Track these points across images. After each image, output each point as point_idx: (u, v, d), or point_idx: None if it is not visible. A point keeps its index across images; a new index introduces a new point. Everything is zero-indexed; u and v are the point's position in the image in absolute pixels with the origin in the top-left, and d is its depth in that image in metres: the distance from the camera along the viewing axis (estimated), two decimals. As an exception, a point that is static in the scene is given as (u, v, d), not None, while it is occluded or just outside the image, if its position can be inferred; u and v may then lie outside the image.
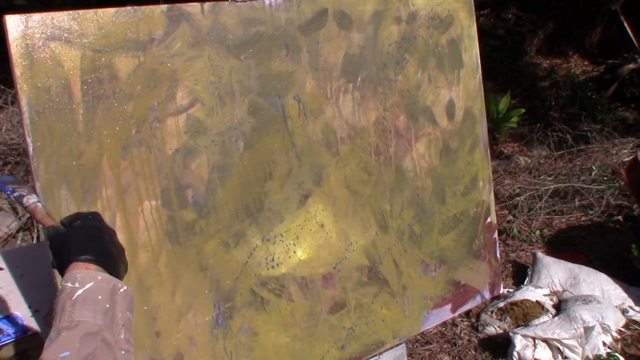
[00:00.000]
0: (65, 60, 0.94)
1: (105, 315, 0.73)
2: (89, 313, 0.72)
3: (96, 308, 0.73)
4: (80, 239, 0.80)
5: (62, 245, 0.80)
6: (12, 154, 3.64)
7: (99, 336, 0.71)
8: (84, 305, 0.72)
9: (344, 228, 1.30)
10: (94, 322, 0.72)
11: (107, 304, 0.74)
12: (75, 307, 0.72)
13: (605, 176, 4.31)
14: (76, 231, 0.82)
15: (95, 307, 0.73)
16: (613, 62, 6.26)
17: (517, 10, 7.30)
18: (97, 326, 0.72)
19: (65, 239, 0.81)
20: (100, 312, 0.73)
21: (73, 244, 0.79)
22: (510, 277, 3.38)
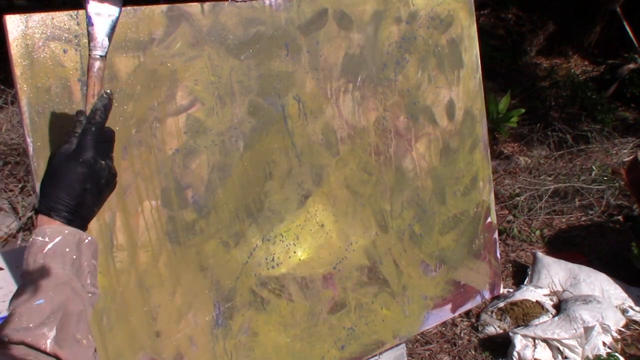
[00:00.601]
0: (65, 60, 0.94)
1: (72, 266, 0.79)
2: (58, 265, 0.78)
3: (64, 260, 0.79)
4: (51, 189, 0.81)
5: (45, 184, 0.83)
6: (12, 154, 3.64)
7: (68, 285, 0.77)
8: (54, 258, 0.78)
9: (344, 228, 1.30)
10: (63, 272, 0.78)
11: (74, 255, 0.80)
12: (46, 259, 0.78)
13: (605, 176, 4.31)
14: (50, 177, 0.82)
15: (64, 259, 0.79)
16: (613, 62, 6.26)
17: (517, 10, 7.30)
18: (67, 276, 0.78)
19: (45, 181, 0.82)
20: (68, 263, 0.79)
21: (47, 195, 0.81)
22: (510, 277, 3.38)
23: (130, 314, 1.03)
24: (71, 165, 0.82)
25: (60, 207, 0.81)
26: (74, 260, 0.80)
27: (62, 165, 0.82)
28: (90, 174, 0.83)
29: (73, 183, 0.81)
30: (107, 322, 1.00)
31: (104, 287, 1.00)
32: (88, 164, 0.82)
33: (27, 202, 3.35)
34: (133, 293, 1.03)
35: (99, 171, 0.84)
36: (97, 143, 0.84)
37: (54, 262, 0.78)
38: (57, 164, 0.83)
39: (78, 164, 0.82)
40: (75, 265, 0.80)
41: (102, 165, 0.84)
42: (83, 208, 0.83)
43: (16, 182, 3.51)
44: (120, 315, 1.01)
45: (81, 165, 0.82)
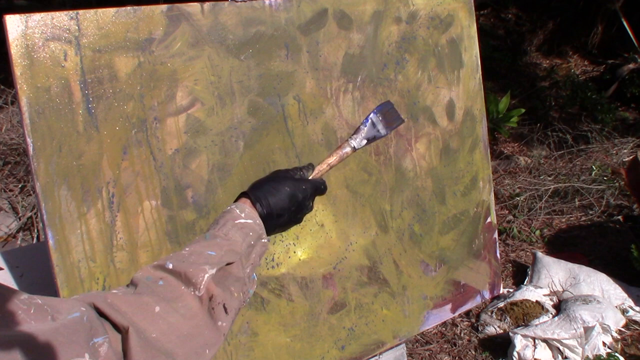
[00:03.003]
0: (65, 60, 0.94)
1: (247, 248, 0.88)
2: (240, 238, 0.87)
3: (245, 238, 0.88)
4: (267, 189, 0.97)
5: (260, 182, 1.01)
6: (12, 154, 3.64)
7: (239, 255, 0.84)
8: (239, 231, 0.87)
9: (344, 228, 1.30)
10: (240, 246, 0.86)
11: (252, 242, 0.89)
12: (234, 228, 0.87)
13: (605, 176, 4.32)
14: (272, 182, 0.99)
15: (245, 237, 0.88)
16: (613, 62, 6.26)
17: (517, 10, 7.31)
18: (240, 249, 0.86)
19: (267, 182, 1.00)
20: (246, 243, 0.87)
21: (260, 188, 0.97)
22: (510, 277, 3.38)
23: (130, 314, 1.03)
24: (294, 187, 0.99)
25: (265, 202, 0.95)
26: (250, 244, 0.88)
27: (287, 181, 0.99)
28: (300, 204, 0.99)
29: (286, 197, 0.97)
30: (107, 322, 1.00)
31: (104, 288, 1.00)
32: (304, 198, 1.00)
33: (27, 202, 3.35)
34: (133, 293, 1.03)
35: (303, 208, 1.02)
36: (315, 190, 1.05)
37: (238, 233, 0.87)
38: (284, 177, 1.01)
39: (299, 190, 1.00)
40: (249, 250, 0.88)
41: (308, 205, 1.03)
42: (274, 220, 0.96)
43: (16, 182, 3.51)
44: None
45: (301, 192, 0.99)
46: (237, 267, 0.83)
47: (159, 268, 0.78)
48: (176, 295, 0.74)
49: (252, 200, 0.95)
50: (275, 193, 0.96)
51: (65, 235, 0.95)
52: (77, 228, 0.96)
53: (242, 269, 0.84)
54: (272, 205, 0.95)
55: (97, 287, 0.99)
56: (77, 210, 0.96)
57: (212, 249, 0.82)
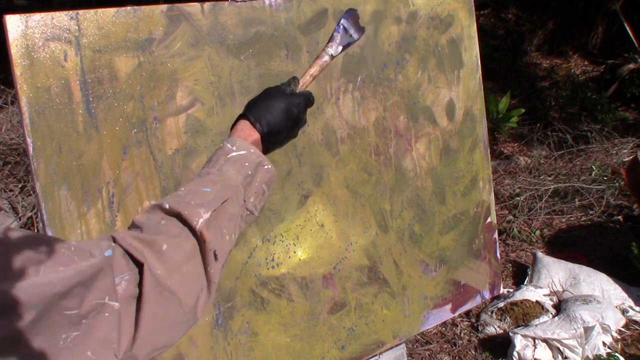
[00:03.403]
0: (65, 60, 0.94)
1: (244, 179, 0.89)
2: (234, 172, 0.88)
3: (240, 171, 0.88)
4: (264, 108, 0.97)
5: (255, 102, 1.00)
6: (12, 154, 3.64)
7: (234, 190, 0.86)
8: (233, 165, 0.88)
9: (344, 228, 1.30)
10: (235, 179, 0.87)
11: (250, 171, 0.89)
12: (227, 163, 0.88)
13: (605, 176, 4.31)
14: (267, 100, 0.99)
15: (240, 169, 0.88)
16: (613, 62, 6.26)
17: (517, 10, 7.30)
18: (236, 182, 0.87)
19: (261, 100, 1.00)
20: (242, 174, 0.88)
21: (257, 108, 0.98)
22: (510, 277, 3.38)
23: (130, 314, 1.03)
24: (288, 102, 0.99)
25: (264, 121, 0.95)
26: (247, 175, 0.89)
27: (280, 97, 0.99)
28: (296, 118, 1.00)
29: (281, 114, 0.98)
30: (107, 322, 1.00)
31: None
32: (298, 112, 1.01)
33: (27, 202, 3.35)
34: (133, 293, 1.03)
35: (300, 120, 1.02)
36: (307, 103, 1.04)
37: (232, 167, 0.88)
38: (276, 94, 1.00)
39: (294, 105, 1.00)
40: (247, 181, 0.89)
41: (303, 117, 1.03)
42: (275, 136, 0.97)
43: (16, 182, 3.51)
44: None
45: (295, 107, 1.00)
46: (231, 203, 0.84)
47: (157, 208, 0.80)
48: (178, 232, 0.77)
49: (251, 121, 0.96)
50: (272, 111, 0.97)
51: (65, 235, 0.95)
52: (77, 228, 0.96)
53: (238, 204, 0.86)
54: (272, 123, 0.96)
55: (97, 287, 0.99)
56: (77, 210, 0.96)
57: (207, 186, 0.84)
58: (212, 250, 0.78)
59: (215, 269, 0.79)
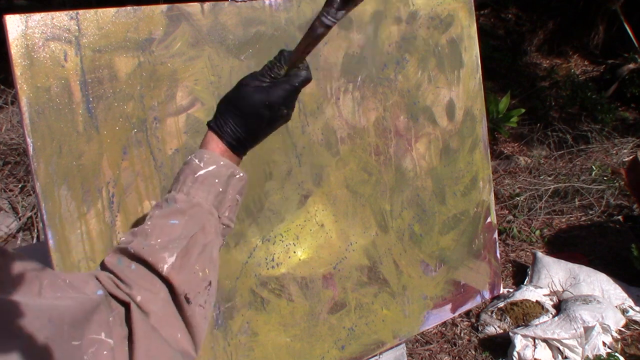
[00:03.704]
0: (65, 60, 0.94)
1: (215, 198, 0.83)
2: (203, 194, 0.82)
3: (211, 189, 0.82)
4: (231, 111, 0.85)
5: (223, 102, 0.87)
6: (12, 154, 3.64)
7: (205, 215, 0.81)
8: (201, 186, 0.82)
9: (344, 228, 1.30)
10: (205, 202, 0.82)
11: (221, 188, 0.83)
12: (195, 184, 0.82)
13: (605, 176, 4.31)
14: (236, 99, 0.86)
15: (210, 189, 0.82)
16: (613, 62, 6.26)
17: (517, 10, 7.30)
18: (206, 206, 0.82)
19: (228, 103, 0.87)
20: (213, 193, 0.82)
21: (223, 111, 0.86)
22: (510, 277, 3.38)
23: (130, 314, 1.03)
24: (257, 101, 0.85)
25: (229, 132, 0.84)
26: (219, 192, 0.83)
27: (249, 96, 0.85)
28: (271, 117, 0.86)
29: (252, 117, 0.85)
30: (107, 322, 1.00)
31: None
32: (274, 109, 0.85)
33: (27, 202, 3.35)
34: (133, 293, 1.03)
35: (279, 117, 0.87)
36: (290, 94, 0.87)
37: (200, 189, 0.82)
38: (245, 92, 0.86)
39: (265, 107, 0.85)
40: (219, 199, 0.83)
41: (284, 113, 0.88)
42: (249, 141, 0.87)
43: (16, 182, 3.51)
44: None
45: (268, 108, 0.85)
46: (202, 233, 0.79)
47: (124, 252, 0.76)
48: (149, 280, 0.75)
49: (215, 131, 0.85)
50: (236, 117, 0.85)
51: (65, 235, 0.95)
52: (77, 228, 0.96)
53: (212, 227, 0.81)
54: (237, 132, 0.85)
55: (97, 287, 0.99)
56: (77, 210, 0.96)
57: (173, 217, 0.79)
58: (182, 294, 0.75)
59: (191, 311, 0.76)
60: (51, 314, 0.55)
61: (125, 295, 0.70)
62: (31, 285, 0.57)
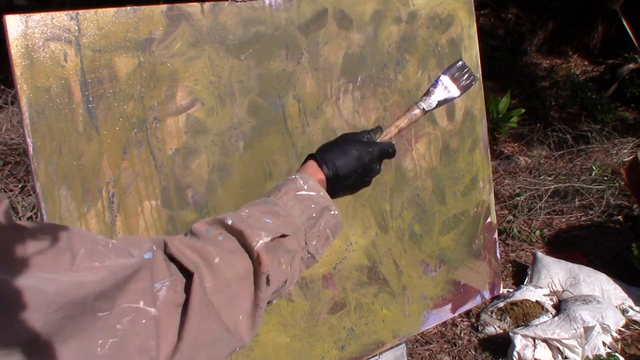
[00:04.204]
0: (65, 60, 0.94)
1: (308, 220, 0.87)
2: (299, 210, 0.86)
3: (305, 211, 0.87)
4: (334, 151, 0.98)
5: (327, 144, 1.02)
6: (12, 154, 3.64)
7: (295, 228, 0.84)
8: (299, 204, 0.87)
9: (344, 228, 1.30)
10: (298, 219, 0.86)
11: (314, 214, 0.88)
12: (294, 200, 0.87)
13: (605, 176, 4.32)
14: (339, 144, 1.00)
15: (305, 210, 0.87)
16: (613, 62, 6.26)
17: (517, 10, 7.30)
18: (298, 222, 0.86)
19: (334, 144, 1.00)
20: (307, 215, 0.87)
21: (327, 150, 0.98)
22: (510, 277, 3.38)
23: (130, 314, 1.02)
24: (361, 147, 0.99)
25: (331, 164, 0.95)
26: (311, 217, 0.87)
27: (354, 142, 1.00)
28: (366, 165, 0.99)
29: (351, 159, 0.97)
30: (107, 322, 1.00)
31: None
32: (373, 159, 1.00)
33: (27, 202, 3.35)
34: (133, 293, 1.03)
35: (371, 169, 1.01)
36: (384, 153, 1.03)
37: (298, 205, 0.87)
38: (351, 139, 1.00)
39: (366, 152, 0.99)
40: (310, 222, 0.87)
41: (375, 167, 1.02)
42: (341, 181, 0.96)
43: (16, 182, 3.51)
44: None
45: (368, 154, 0.99)
46: (290, 240, 0.82)
47: (218, 223, 0.78)
48: (234, 249, 0.76)
49: (318, 162, 0.95)
50: (341, 155, 0.97)
51: (65, 235, 0.95)
52: (77, 228, 0.96)
53: (298, 242, 0.84)
54: (338, 166, 0.95)
55: (97, 287, 0.99)
56: (77, 210, 0.96)
57: (269, 217, 0.82)
58: (265, 274, 0.76)
59: (264, 293, 0.77)
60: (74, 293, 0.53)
61: (192, 263, 0.69)
62: (59, 259, 0.54)
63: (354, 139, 1.01)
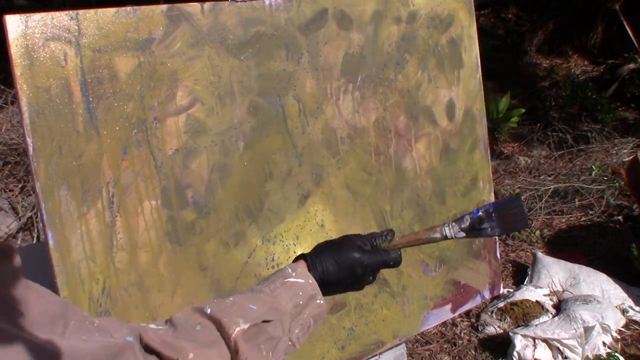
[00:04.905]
0: (65, 60, 0.94)
1: (294, 307, 0.87)
2: (286, 297, 0.86)
3: (292, 298, 0.87)
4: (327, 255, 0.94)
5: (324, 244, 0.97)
6: (12, 154, 3.64)
7: (280, 315, 0.84)
8: (287, 290, 0.87)
9: (344, 228, 1.30)
10: (285, 305, 0.85)
11: (301, 302, 0.88)
12: (282, 286, 0.87)
13: (605, 176, 4.31)
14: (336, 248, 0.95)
15: (293, 297, 0.87)
16: (613, 62, 6.26)
17: (517, 10, 7.30)
18: (284, 309, 0.85)
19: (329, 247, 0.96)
20: (294, 302, 0.87)
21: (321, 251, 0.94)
22: (510, 277, 3.38)
23: (131, 314, 1.03)
24: (356, 258, 0.94)
25: (320, 269, 0.92)
26: (298, 304, 0.87)
27: (352, 250, 0.94)
28: (358, 277, 0.94)
29: (345, 269, 0.93)
30: (107, 322, 1.00)
31: (104, 288, 1.00)
32: (366, 272, 0.94)
33: (27, 202, 3.35)
34: (133, 293, 1.03)
35: (363, 280, 0.96)
36: (381, 266, 0.96)
37: (285, 292, 0.87)
38: (349, 245, 0.95)
39: (360, 265, 0.93)
40: (297, 310, 0.87)
41: (369, 279, 0.96)
42: (330, 286, 0.93)
43: (16, 182, 3.51)
44: (120, 315, 1.01)
45: (362, 267, 0.93)
46: (273, 326, 0.82)
47: (198, 312, 0.79)
48: (212, 341, 0.76)
49: (307, 263, 0.93)
50: (333, 261, 0.93)
51: (65, 235, 0.95)
52: (77, 228, 0.96)
53: (282, 329, 0.84)
54: (326, 273, 0.92)
55: (97, 287, 0.99)
56: (77, 210, 0.96)
57: (254, 303, 0.83)
58: None
59: None
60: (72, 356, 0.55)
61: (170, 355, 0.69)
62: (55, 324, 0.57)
63: (352, 246, 0.95)
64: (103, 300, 1.00)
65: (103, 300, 1.00)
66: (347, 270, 0.93)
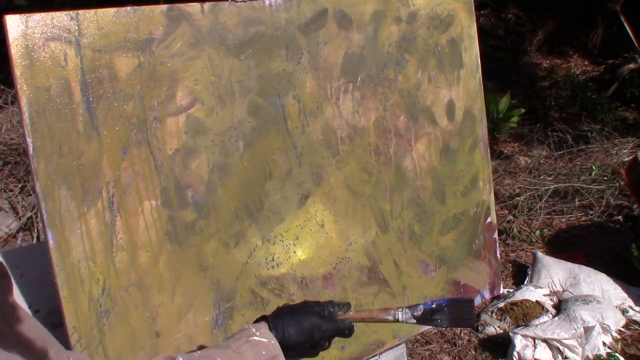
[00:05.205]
0: (65, 60, 0.94)
1: None
2: (250, 354, 0.90)
3: (256, 356, 0.91)
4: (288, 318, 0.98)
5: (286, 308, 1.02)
6: (12, 154, 3.64)
7: None
8: (251, 348, 0.91)
9: (344, 228, 1.30)
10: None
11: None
12: (247, 344, 0.91)
13: (605, 176, 4.31)
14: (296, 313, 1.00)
15: (257, 355, 0.91)
16: (613, 62, 6.26)
17: (517, 10, 7.30)
18: None
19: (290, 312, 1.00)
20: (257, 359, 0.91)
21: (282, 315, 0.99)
22: (510, 277, 3.38)
23: (130, 314, 1.03)
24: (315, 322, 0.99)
25: (280, 331, 0.96)
26: None
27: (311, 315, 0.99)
28: (315, 341, 0.99)
29: (304, 331, 0.98)
30: (107, 323, 1.00)
31: (104, 288, 1.00)
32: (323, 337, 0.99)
33: (27, 202, 3.35)
34: (133, 293, 1.03)
35: (319, 345, 1.00)
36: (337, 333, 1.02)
37: (250, 350, 0.91)
38: (309, 310, 1.00)
39: (318, 329, 0.99)
40: None
41: (325, 345, 1.01)
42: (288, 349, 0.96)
43: (16, 182, 3.51)
44: (120, 315, 1.01)
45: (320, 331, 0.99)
46: None
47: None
48: None
49: (269, 324, 0.97)
50: (294, 324, 0.98)
51: (65, 235, 0.95)
52: (77, 228, 0.96)
53: None
54: (287, 336, 0.96)
55: (97, 287, 0.99)
56: (77, 210, 0.96)
57: (221, 357, 0.87)
58: None
59: None
60: None
61: None
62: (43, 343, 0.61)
63: (312, 311, 1.00)
64: (103, 300, 1.00)
65: (103, 300, 1.00)
66: (306, 334, 0.98)
